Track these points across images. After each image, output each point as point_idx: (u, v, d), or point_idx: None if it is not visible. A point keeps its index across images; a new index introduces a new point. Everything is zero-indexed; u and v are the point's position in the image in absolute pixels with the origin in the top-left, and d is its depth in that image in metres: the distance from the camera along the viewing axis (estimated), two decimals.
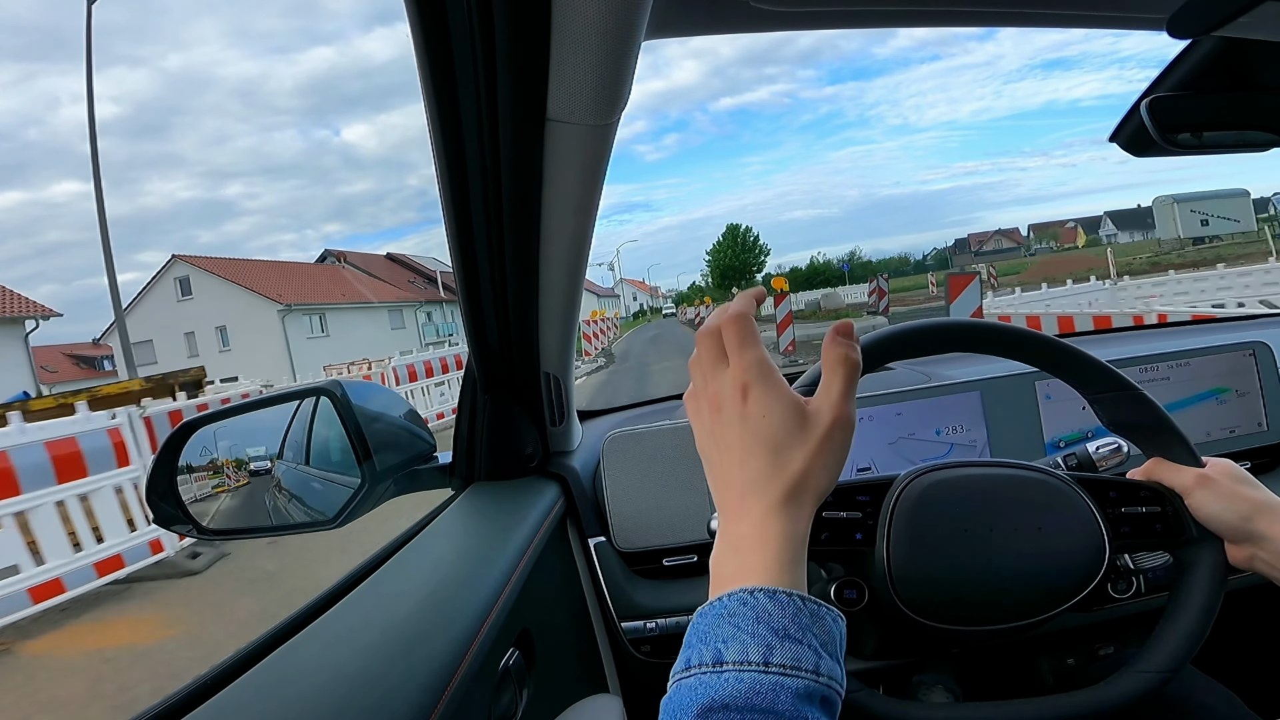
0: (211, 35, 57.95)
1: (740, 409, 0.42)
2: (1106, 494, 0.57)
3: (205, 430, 0.77)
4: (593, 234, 0.73)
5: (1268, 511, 0.54)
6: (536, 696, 0.67)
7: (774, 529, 0.40)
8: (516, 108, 0.54)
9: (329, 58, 60.07)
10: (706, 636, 0.37)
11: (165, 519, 0.74)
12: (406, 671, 0.49)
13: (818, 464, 0.42)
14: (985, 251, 63.63)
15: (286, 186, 55.56)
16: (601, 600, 0.92)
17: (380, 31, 70.13)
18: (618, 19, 0.48)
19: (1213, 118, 0.81)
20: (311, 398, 0.81)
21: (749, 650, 0.36)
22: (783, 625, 0.37)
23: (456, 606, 0.58)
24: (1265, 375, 1.01)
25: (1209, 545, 0.56)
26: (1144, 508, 0.57)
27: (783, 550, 0.40)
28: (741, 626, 0.37)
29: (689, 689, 0.36)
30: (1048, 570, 0.55)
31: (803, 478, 0.41)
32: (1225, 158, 7.63)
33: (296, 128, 59.21)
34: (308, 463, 0.86)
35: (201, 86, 51.73)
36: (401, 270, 37.53)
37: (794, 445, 0.41)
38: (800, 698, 0.35)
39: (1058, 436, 0.97)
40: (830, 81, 72.57)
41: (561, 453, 1.01)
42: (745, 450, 0.42)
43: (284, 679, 0.50)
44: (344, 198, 59.39)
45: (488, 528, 0.83)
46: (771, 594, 0.38)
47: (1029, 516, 0.55)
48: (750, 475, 0.41)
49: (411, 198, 69.74)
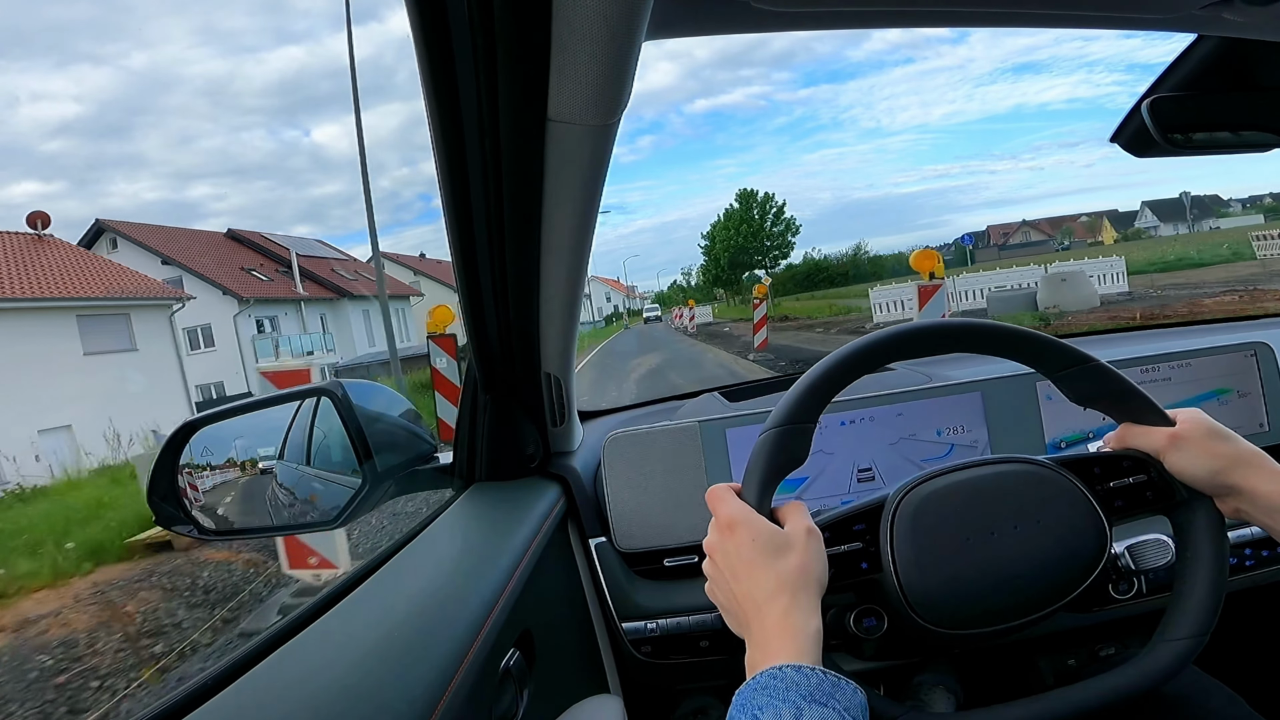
0: (178, 33, 56.22)
1: (735, 550, 0.52)
2: (1092, 471, 0.57)
3: (205, 430, 0.77)
4: (594, 234, 0.73)
5: (1241, 464, 0.54)
6: (537, 697, 0.67)
7: (791, 623, 0.48)
8: (517, 108, 0.54)
9: (299, 57, 58.90)
10: (744, 707, 0.44)
11: (166, 519, 0.74)
12: (407, 672, 0.49)
13: (807, 559, 0.51)
14: (1012, 246, 52.53)
15: (255, 188, 54.22)
16: (602, 600, 0.92)
17: (352, 31, 69.33)
18: (619, 19, 0.48)
19: (1213, 118, 0.81)
20: (312, 398, 0.81)
21: (781, 713, 0.42)
22: (809, 692, 0.43)
23: (457, 607, 0.58)
24: (1266, 376, 1.01)
25: (1201, 503, 0.56)
26: (1130, 478, 0.57)
27: (800, 638, 0.47)
28: (774, 695, 0.43)
29: None
30: (1054, 560, 0.55)
31: (801, 571, 0.50)
32: (1198, 160, 7.46)
33: (265, 128, 57.36)
34: (308, 463, 0.86)
35: (167, 86, 49.95)
36: (243, 253, 22.85)
37: (785, 554, 0.51)
38: None
39: (1059, 437, 0.97)
40: (805, 84, 72.13)
41: (562, 453, 1.01)
42: (749, 567, 0.51)
43: (285, 680, 0.50)
44: (314, 200, 58.31)
45: (488, 528, 0.83)
46: (797, 668, 0.44)
47: (1025, 511, 0.56)
48: (759, 585, 0.50)
49: (383, 199, 68.75)
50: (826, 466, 0.93)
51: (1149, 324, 1.63)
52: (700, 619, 0.88)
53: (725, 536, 0.54)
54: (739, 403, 1.18)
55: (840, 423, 0.93)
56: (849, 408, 0.94)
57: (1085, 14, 0.65)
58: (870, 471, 0.94)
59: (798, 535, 0.52)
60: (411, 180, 70.76)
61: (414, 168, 70.07)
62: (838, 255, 49.04)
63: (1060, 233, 53.59)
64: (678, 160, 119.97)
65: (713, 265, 46.76)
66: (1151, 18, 0.64)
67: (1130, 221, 51.62)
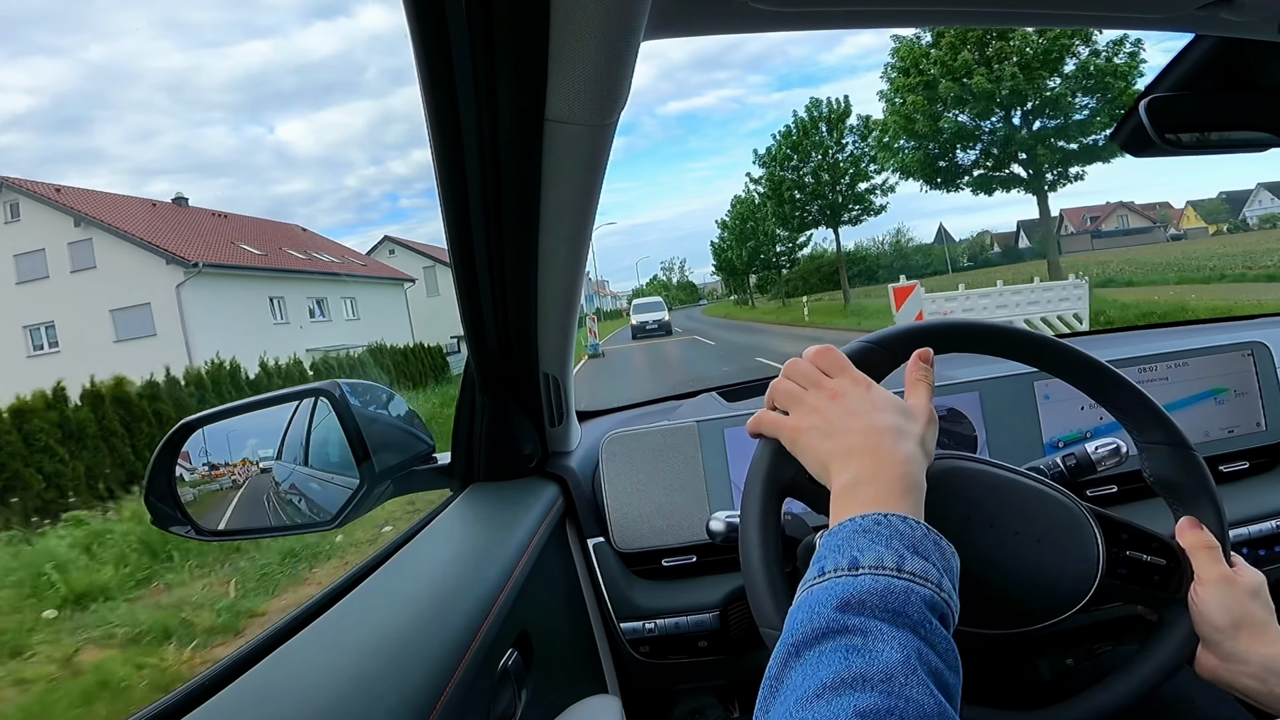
0: (138, 26, 53.95)
1: (866, 395, 0.51)
2: (1119, 534, 0.56)
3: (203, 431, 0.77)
4: (591, 234, 0.73)
5: (1256, 627, 0.51)
6: (535, 697, 0.67)
7: (910, 468, 0.47)
8: (515, 108, 0.54)
9: (264, 52, 57.07)
10: (840, 549, 0.42)
11: (163, 519, 0.74)
12: (405, 672, 0.49)
13: (929, 436, 0.51)
14: (1108, 233, 41.95)
15: (217, 185, 52.10)
16: (600, 601, 0.92)
17: (320, 26, 67.16)
18: (617, 19, 0.48)
19: (1210, 118, 0.81)
20: (310, 398, 0.81)
21: (884, 557, 0.40)
22: (913, 543, 0.42)
23: (455, 607, 0.58)
24: (1264, 375, 1.01)
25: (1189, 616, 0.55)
26: (1148, 556, 0.55)
27: (916, 495, 0.46)
28: (876, 540, 0.42)
29: (825, 590, 0.40)
30: (1032, 584, 0.53)
31: (923, 440, 0.50)
32: (1167, 165, 7.39)
33: (228, 124, 55.49)
34: (306, 463, 0.85)
35: (126, 79, 47.89)
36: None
37: (911, 420, 0.50)
38: (927, 605, 0.39)
39: (1056, 436, 0.97)
40: (779, 88, 70.85)
41: (560, 453, 1.01)
42: (876, 411, 0.50)
43: (282, 680, 0.49)
44: (278, 198, 56.02)
45: (487, 528, 0.83)
46: (903, 518, 0.43)
47: (1033, 526, 0.54)
48: (884, 422, 0.49)
49: (349, 199, 66.43)
50: None
51: (1147, 324, 1.63)
52: (698, 619, 0.88)
53: (855, 383, 0.52)
54: (737, 403, 1.18)
55: None
56: None
57: (1084, 14, 0.65)
58: None
59: (921, 411, 0.52)
60: (379, 179, 68.71)
61: (381, 167, 68.12)
62: (873, 245, 39.57)
63: (1160, 219, 43.39)
64: (650, 162, 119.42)
65: (735, 246, 32.35)
66: (1150, 17, 0.64)
67: (1237, 207, 40.26)
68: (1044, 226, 19.01)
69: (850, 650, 0.36)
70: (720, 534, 0.74)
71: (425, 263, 29.34)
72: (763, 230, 29.79)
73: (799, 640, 0.38)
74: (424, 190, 76.09)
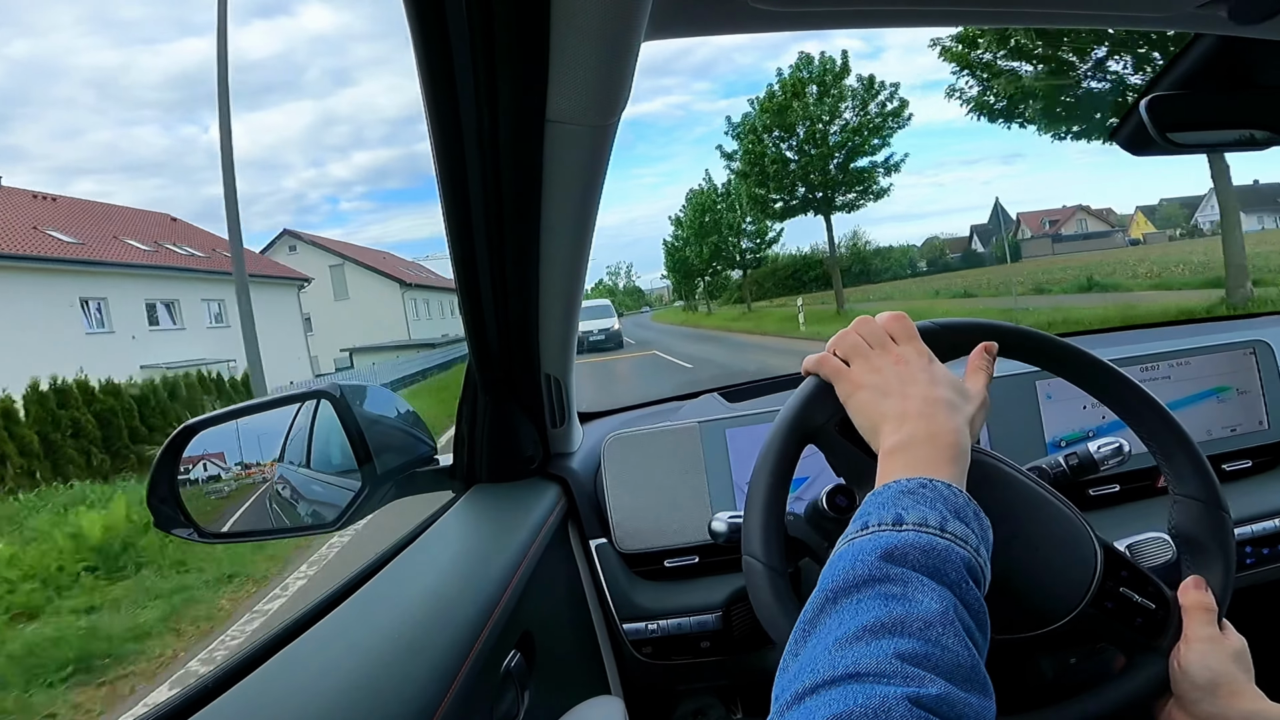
0: (66, 21, 52.68)
1: (928, 367, 0.53)
2: (1119, 569, 0.54)
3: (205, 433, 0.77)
4: (593, 234, 0.73)
5: (1235, 686, 0.51)
6: (538, 698, 0.67)
7: (960, 440, 0.48)
8: (516, 109, 0.54)
9: (201, 50, 53.69)
10: (885, 505, 0.43)
11: (166, 522, 0.74)
12: (408, 674, 0.49)
13: (979, 418, 0.53)
14: (1069, 237, 40.84)
15: (146, 185, 50.35)
16: (603, 602, 0.92)
17: (259, 26, 64.68)
18: (618, 19, 0.48)
19: (1210, 117, 0.81)
20: (311, 400, 0.81)
21: (928, 517, 0.42)
22: (957, 508, 0.43)
23: (458, 608, 0.58)
24: (1266, 374, 1.01)
25: (1159, 663, 0.54)
26: (1139, 597, 0.54)
27: (962, 463, 0.48)
28: (921, 500, 0.43)
29: (869, 540, 0.41)
30: (1015, 590, 0.52)
31: (973, 420, 0.51)
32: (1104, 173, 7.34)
33: (160, 123, 54.01)
34: (308, 465, 0.86)
35: (52, 76, 46.57)
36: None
37: (965, 399, 0.52)
38: (965, 566, 0.40)
39: (1058, 436, 0.97)
40: (724, 95, 70.07)
41: (562, 454, 1.01)
42: (935, 383, 0.51)
43: (285, 682, 0.49)
44: (210, 199, 53.71)
45: (489, 530, 0.83)
46: (948, 485, 0.44)
47: (1032, 531, 0.53)
48: (941, 394, 0.50)
49: (286, 201, 65.41)
50: (825, 467, 0.93)
51: (1148, 323, 1.63)
52: (701, 620, 0.88)
53: (921, 354, 0.54)
54: (739, 403, 1.18)
55: None
56: None
57: (1084, 13, 0.65)
58: None
59: (976, 394, 0.53)
60: (318, 182, 67.43)
61: (322, 169, 66.95)
62: (812, 247, 33.79)
63: (1118, 223, 41.57)
64: None
65: (693, 242, 28.22)
66: (1149, 16, 0.64)
67: (1189, 211, 37.31)
68: (997, 231, 18.88)
69: (890, 598, 0.38)
70: (722, 534, 0.74)
71: (333, 260, 26.65)
72: (727, 222, 26.34)
73: (839, 586, 0.39)
74: (365, 194, 73.89)
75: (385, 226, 76.86)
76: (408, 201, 73.60)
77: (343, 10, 73.81)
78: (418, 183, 74.31)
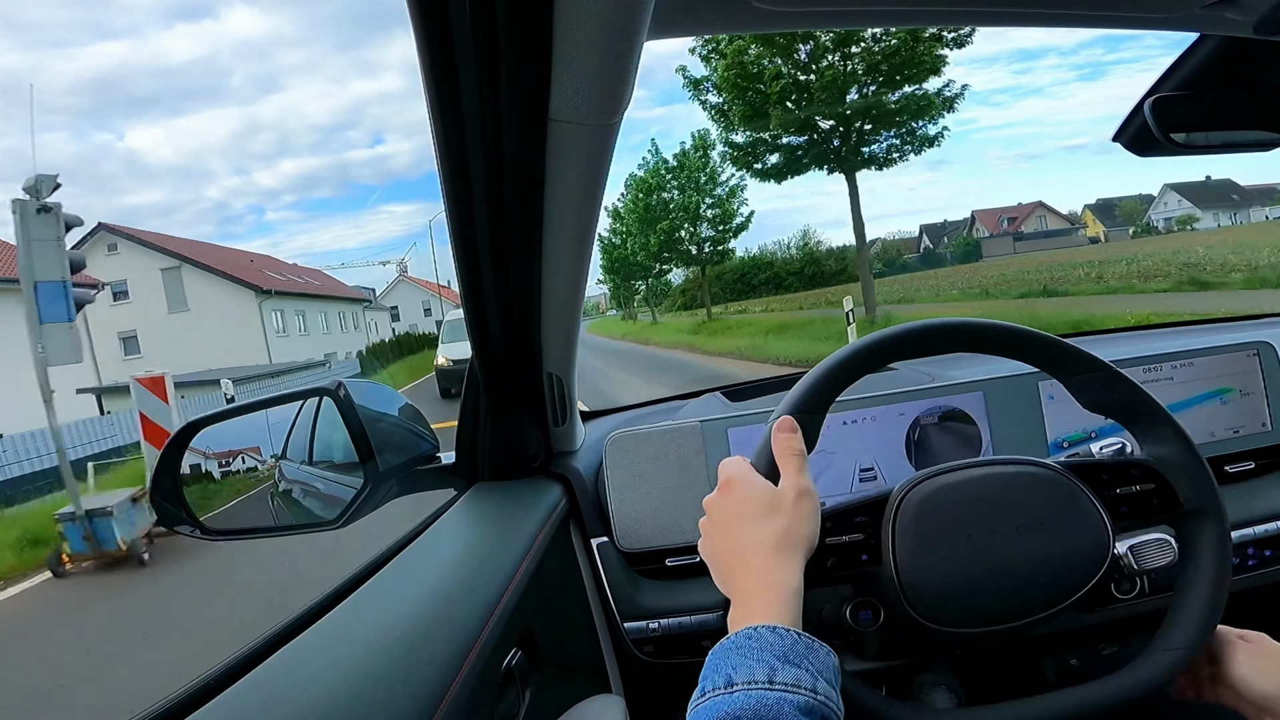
0: None
1: (729, 504, 0.54)
2: (1100, 477, 0.57)
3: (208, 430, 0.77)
4: (595, 233, 0.73)
5: None
6: (539, 697, 0.67)
7: (772, 578, 0.49)
8: (519, 108, 0.54)
9: (118, 54, 52.65)
10: (718, 667, 0.44)
11: (169, 519, 0.74)
12: (409, 671, 0.49)
13: (795, 522, 0.52)
14: (1029, 235, 39.75)
15: (54, 196, 50.13)
16: (604, 600, 0.92)
17: (183, 29, 62.33)
18: (620, 19, 0.48)
19: (1215, 117, 0.81)
20: (314, 398, 0.81)
21: (755, 672, 0.42)
22: (783, 652, 0.43)
23: (460, 607, 0.58)
24: (1269, 375, 1.01)
25: (1209, 517, 0.56)
26: (1138, 486, 0.57)
27: (780, 597, 0.48)
28: (748, 655, 0.43)
29: (706, 710, 0.42)
30: (1055, 563, 0.55)
31: (786, 532, 0.51)
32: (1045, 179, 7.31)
33: (71, 129, 51.96)
34: (310, 463, 0.86)
35: None
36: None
37: (773, 514, 0.52)
38: (802, 710, 0.41)
39: (1061, 436, 0.97)
40: (661, 102, 68.96)
41: (564, 453, 1.01)
42: (738, 523, 0.52)
43: (287, 679, 0.50)
44: (126, 209, 52.63)
45: (491, 528, 0.83)
46: (772, 629, 0.45)
47: (1030, 512, 0.56)
48: (744, 541, 0.51)
49: (210, 210, 62.72)
50: (829, 466, 0.93)
51: (1151, 323, 1.63)
52: (702, 619, 0.88)
53: (721, 493, 0.55)
54: (741, 402, 1.18)
55: (842, 422, 0.93)
56: (851, 407, 0.94)
57: (1088, 13, 0.65)
58: (872, 471, 0.94)
59: (788, 495, 0.53)
60: (243, 191, 64.68)
61: (246, 177, 64.22)
62: (778, 248, 32.41)
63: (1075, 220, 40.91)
64: None
65: (638, 234, 22.30)
66: (1154, 17, 0.64)
67: (1140, 215, 38.02)
68: (958, 232, 18.07)
69: None
70: None
71: (166, 263, 20.54)
72: (681, 204, 20.79)
73: None
74: (293, 203, 71.09)
75: (314, 236, 74.08)
76: (337, 211, 71.60)
77: (271, 14, 70.17)
78: (348, 191, 72.12)
